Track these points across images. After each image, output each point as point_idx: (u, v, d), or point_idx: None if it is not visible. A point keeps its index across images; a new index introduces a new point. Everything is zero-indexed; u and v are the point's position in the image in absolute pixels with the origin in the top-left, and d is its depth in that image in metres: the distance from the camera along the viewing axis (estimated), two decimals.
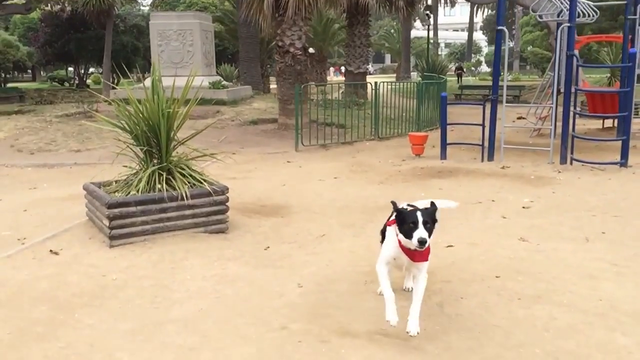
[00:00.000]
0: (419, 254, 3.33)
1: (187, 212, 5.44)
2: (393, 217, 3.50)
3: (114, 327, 3.65)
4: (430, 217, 3.25)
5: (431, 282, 4.32)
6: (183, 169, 5.65)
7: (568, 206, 6.47)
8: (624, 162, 8.50)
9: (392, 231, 3.50)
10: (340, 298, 4.06)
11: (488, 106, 9.87)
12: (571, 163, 8.90)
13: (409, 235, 3.22)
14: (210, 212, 5.57)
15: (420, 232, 3.16)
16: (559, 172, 8.49)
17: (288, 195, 7.47)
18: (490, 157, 9.59)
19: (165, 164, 5.56)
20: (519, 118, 14.68)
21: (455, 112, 16.58)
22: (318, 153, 11.16)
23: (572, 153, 9.00)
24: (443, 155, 9.96)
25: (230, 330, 3.57)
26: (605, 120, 13.48)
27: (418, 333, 3.25)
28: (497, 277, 4.36)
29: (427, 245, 3.19)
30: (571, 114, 9.27)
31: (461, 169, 8.87)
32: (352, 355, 3.23)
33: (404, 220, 3.27)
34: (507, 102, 10.06)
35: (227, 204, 5.69)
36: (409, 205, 3.66)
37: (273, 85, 21.20)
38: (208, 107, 15.68)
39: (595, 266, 4.55)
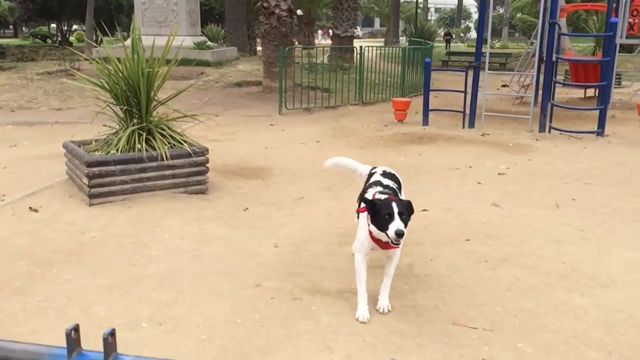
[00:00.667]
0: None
1: (167, 172, 5.49)
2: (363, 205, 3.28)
3: (91, 282, 3.74)
4: (406, 209, 3.08)
5: (403, 245, 4.46)
6: (163, 130, 5.67)
7: (542, 173, 6.62)
8: (600, 132, 8.65)
9: (364, 220, 3.27)
10: (314, 258, 4.18)
11: (472, 73, 9.92)
12: (549, 131, 9.03)
13: (383, 228, 3.01)
14: (190, 172, 5.63)
15: (397, 224, 2.93)
16: (537, 140, 8.62)
17: (269, 158, 7.53)
18: (471, 124, 9.69)
19: (145, 124, 5.58)
20: (503, 86, 14.74)
21: (441, 78, 16.60)
22: (301, 117, 11.17)
23: (550, 122, 9.12)
24: (425, 122, 10.04)
25: (205, 287, 3.68)
26: (587, 90, 13.59)
27: (389, 310, 3.31)
28: (467, 240, 4.50)
29: (404, 238, 3.01)
30: (552, 83, 9.35)
31: (442, 135, 8.97)
32: (322, 311, 3.36)
33: (378, 212, 3.05)
34: (492, 69, 10.13)
35: (207, 165, 5.75)
36: (382, 174, 3.74)
37: (260, 47, 20.97)
38: (192, 68, 15.50)
39: (562, 231, 4.71)
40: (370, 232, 3.18)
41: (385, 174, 3.84)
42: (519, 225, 4.88)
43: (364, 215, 3.23)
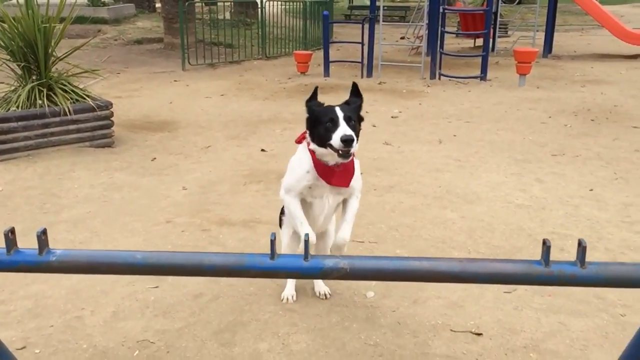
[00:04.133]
0: (339, 174, 2.51)
1: (71, 127, 5.57)
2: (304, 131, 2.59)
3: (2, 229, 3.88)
4: (355, 113, 2.45)
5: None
6: (65, 85, 5.71)
7: (430, 115, 7.27)
8: (483, 76, 9.46)
9: (303, 150, 2.59)
10: (221, 196, 4.54)
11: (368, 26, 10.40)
12: (439, 78, 9.75)
13: (325, 139, 2.38)
14: (95, 126, 5.73)
15: (343, 129, 2.32)
16: (428, 86, 9.30)
17: (175, 112, 7.69)
18: (369, 74, 10.23)
19: (45, 80, 5.59)
20: (401, 38, 15.42)
21: (343, 32, 17.06)
22: (206, 72, 11.26)
23: (440, 69, 9.83)
24: (326, 73, 10.46)
25: (119, 227, 3.95)
26: (477, 39, 14.52)
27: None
28: (360, 173, 5.00)
29: (354, 148, 2.36)
30: (440, 33, 10.02)
31: (342, 85, 9.44)
32: (228, 238, 3.74)
33: (318, 120, 2.42)
34: (392, 22, 10.63)
35: (111, 118, 5.87)
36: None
37: (159, 4, 20.36)
38: (88, 26, 14.95)
39: (442, 162, 5.33)
40: (313, 156, 2.48)
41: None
42: (406, 159, 5.46)
43: (302, 148, 2.60)
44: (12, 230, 1.85)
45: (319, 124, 2.42)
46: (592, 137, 6.12)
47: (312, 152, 2.50)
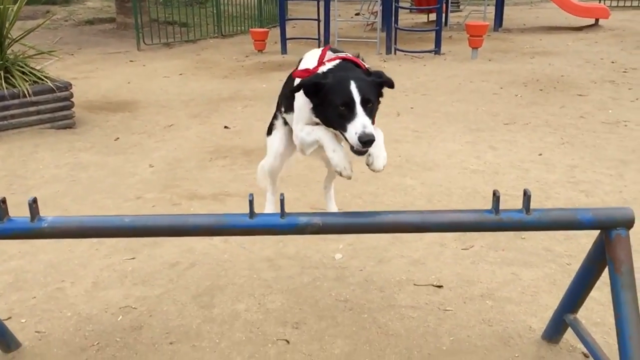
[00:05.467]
0: None
1: (31, 108, 5.53)
2: (302, 67, 2.17)
3: None
4: (374, 91, 1.95)
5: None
6: (22, 67, 5.65)
7: (387, 89, 7.45)
8: (437, 50, 9.72)
9: (302, 103, 2.08)
10: (188, 172, 4.64)
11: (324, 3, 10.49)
12: (395, 53, 9.96)
13: (337, 125, 1.94)
14: (55, 108, 5.70)
15: (362, 123, 1.85)
16: (385, 61, 9.50)
17: (134, 92, 7.66)
18: None
19: (1, 62, 5.51)
20: (356, 14, 15.54)
21: (299, 9, 17.04)
22: (161, 52, 11.16)
23: (396, 44, 10.03)
24: (284, 50, 10.53)
25: (89, 204, 4.01)
26: (431, 15, 14.78)
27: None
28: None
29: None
30: (394, 8, 10.20)
31: None
32: (199, 210, 3.86)
33: (327, 97, 1.90)
34: None
35: (71, 99, 5.84)
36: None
37: None
38: (36, 7, 14.53)
39: (401, 133, 5.55)
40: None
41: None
42: None
43: (302, 102, 2.04)
44: (4, 200, 1.95)
45: (327, 104, 1.89)
46: (540, 105, 6.44)
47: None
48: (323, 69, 2.06)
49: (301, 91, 1.99)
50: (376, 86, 2.00)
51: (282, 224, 1.91)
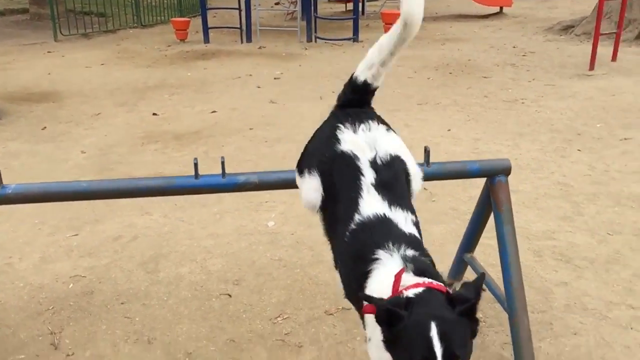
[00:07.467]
0: None
1: None
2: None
3: None
4: (462, 338, 1.36)
5: (198, 137, 5.29)
6: None
7: (309, 75, 7.83)
8: (355, 38, 10.18)
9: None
10: (122, 157, 4.80)
11: None
12: (315, 41, 10.34)
13: None
14: None
15: None
16: (306, 49, 9.86)
17: (56, 82, 7.60)
18: (249, 39, 10.58)
19: None
20: (276, 4, 15.79)
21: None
22: (80, 42, 10.98)
23: (316, 32, 10.41)
24: (206, 39, 10.65)
25: None
26: (348, 4, 15.26)
27: None
28: (250, 129, 5.47)
29: None
30: None
31: (223, 51, 9.73)
32: None
33: (402, 344, 1.36)
34: None
35: None
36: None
37: None
38: None
39: (324, 115, 5.85)
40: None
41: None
42: (291, 114, 5.98)
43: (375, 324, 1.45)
44: None
45: (400, 350, 1.39)
46: (450, 87, 7.01)
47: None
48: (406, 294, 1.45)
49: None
50: (466, 328, 1.39)
51: (224, 182, 2.21)
